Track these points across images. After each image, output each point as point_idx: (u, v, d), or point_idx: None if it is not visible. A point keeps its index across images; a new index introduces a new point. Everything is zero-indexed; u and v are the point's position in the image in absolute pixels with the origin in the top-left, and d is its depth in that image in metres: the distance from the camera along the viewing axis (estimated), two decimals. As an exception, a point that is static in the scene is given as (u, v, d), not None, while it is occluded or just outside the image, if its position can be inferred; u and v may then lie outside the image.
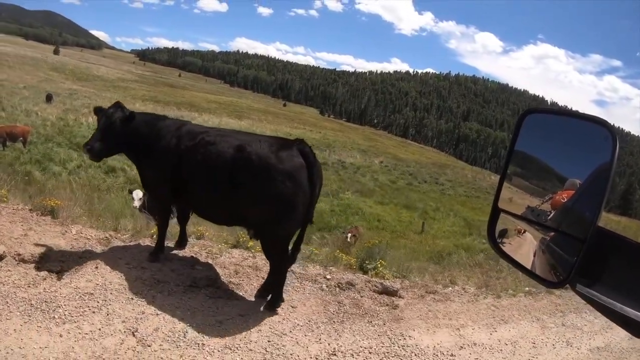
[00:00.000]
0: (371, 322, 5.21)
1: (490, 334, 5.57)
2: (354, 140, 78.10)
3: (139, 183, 6.00)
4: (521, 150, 1.66)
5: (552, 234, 1.52)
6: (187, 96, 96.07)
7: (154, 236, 6.11)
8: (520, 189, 1.66)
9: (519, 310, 6.50)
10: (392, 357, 4.59)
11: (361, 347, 4.64)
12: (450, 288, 6.78)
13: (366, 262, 6.86)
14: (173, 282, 5.17)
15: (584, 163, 1.43)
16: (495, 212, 1.69)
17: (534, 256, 1.56)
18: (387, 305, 5.73)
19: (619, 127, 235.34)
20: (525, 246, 1.62)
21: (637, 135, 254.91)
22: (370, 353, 4.55)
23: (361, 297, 5.81)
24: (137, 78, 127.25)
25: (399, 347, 4.78)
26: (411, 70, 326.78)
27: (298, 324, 4.85)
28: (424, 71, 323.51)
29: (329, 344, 4.57)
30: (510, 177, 1.67)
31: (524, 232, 1.66)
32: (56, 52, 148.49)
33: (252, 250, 6.34)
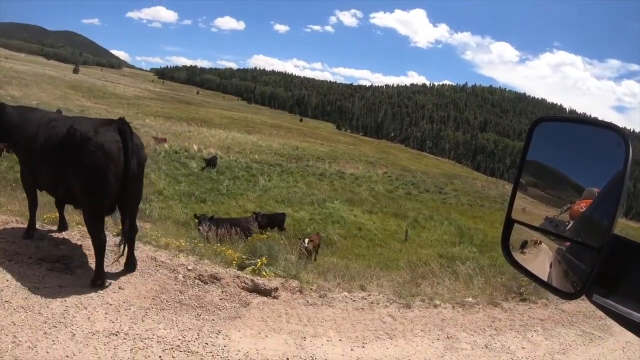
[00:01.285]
0: (199, 315, 5.06)
1: (351, 350, 4.85)
2: (364, 153, 77.97)
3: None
4: (534, 159, 1.64)
5: (568, 243, 1.49)
6: (201, 113, 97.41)
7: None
8: (535, 199, 1.63)
9: (427, 324, 5.64)
10: (181, 351, 4.34)
11: (154, 335, 4.51)
12: (346, 294, 6.18)
13: (244, 257, 6.63)
14: (28, 255, 5.70)
15: (597, 170, 1.41)
16: (509, 223, 1.65)
17: (550, 267, 1.53)
18: (239, 302, 5.48)
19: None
20: (541, 257, 1.60)
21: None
22: (158, 342, 4.38)
23: (222, 291, 5.64)
24: (154, 96, 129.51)
25: (199, 344, 4.49)
26: (428, 83, 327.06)
27: (108, 303, 4.96)
28: (441, 83, 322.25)
29: (120, 325, 4.55)
30: (525, 187, 1.65)
31: (540, 242, 1.65)
32: (75, 71, 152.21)
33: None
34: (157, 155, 32.48)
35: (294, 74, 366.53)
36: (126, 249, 5.60)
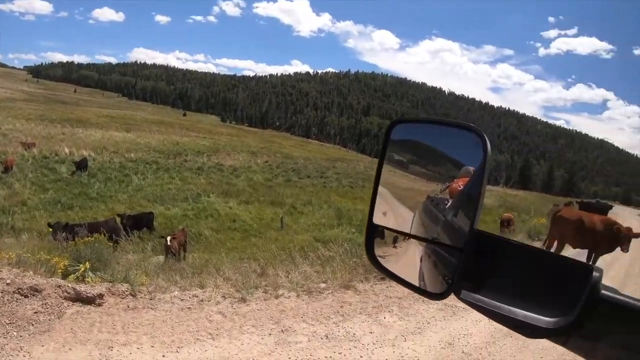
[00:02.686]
0: (7, 332, 4.82)
1: (162, 356, 4.69)
2: (247, 143, 77.20)
3: None
4: (392, 162, 1.59)
5: (435, 235, 1.47)
6: (78, 112, 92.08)
7: None
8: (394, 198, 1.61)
9: (261, 318, 5.50)
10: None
11: None
12: (177, 292, 6.03)
13: (67, 264, 6.42)
14: None
15: (457, 170, 1.41)
16: (371, 229, 1.61)
17: (421, 261, 1.51)
18: (56, 314, 5.25)
19: (514, 110, 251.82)
20: (412, 250, 1.58)
21: (531, 116, 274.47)
22: None
23: (41, 304, 5.36)
24: (27, 97, 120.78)
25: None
26: (311, 71, 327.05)
27: None
28: (324, 71, 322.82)
29: None
30: (385, 184, 1.58)
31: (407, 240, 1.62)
32: None
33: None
34: (25, 162, 30.40)
35: (176, 67, 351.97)
36: None
